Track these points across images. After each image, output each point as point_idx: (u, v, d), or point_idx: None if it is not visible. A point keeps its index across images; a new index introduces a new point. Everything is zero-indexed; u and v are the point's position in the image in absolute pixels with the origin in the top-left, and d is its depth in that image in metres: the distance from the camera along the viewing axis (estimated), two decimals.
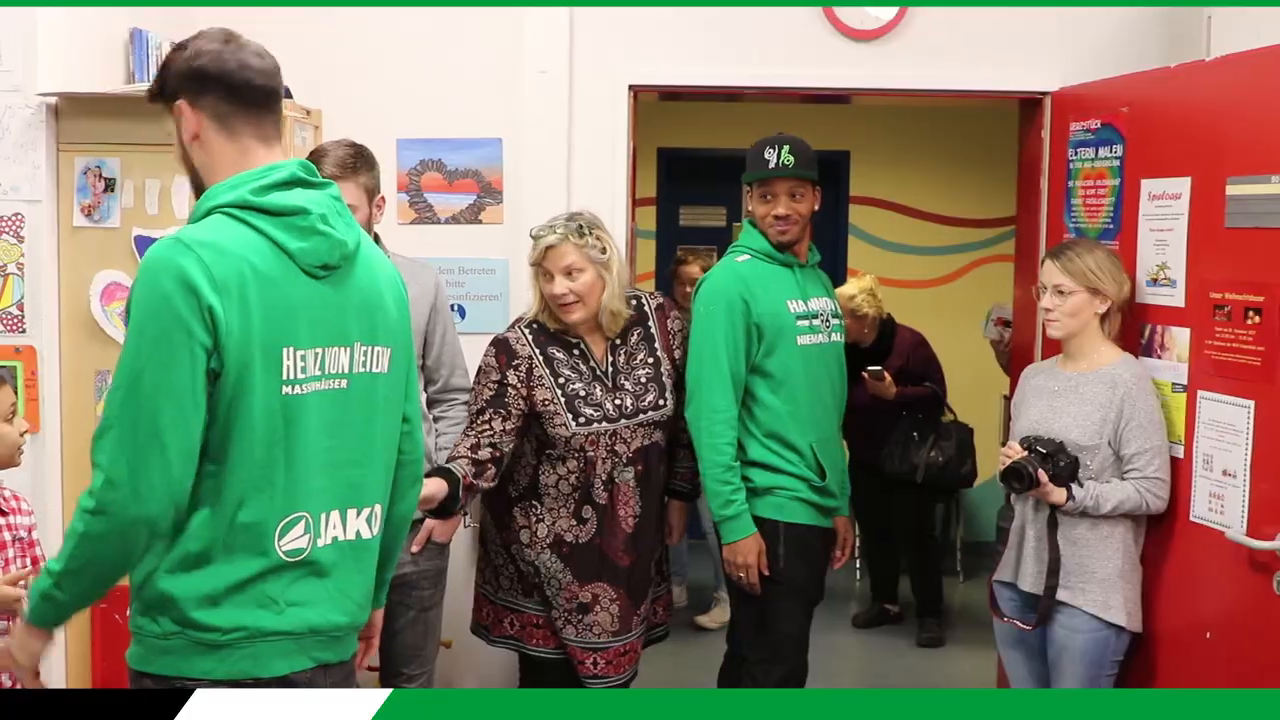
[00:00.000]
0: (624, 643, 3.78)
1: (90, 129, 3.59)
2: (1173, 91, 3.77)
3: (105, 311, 3.59)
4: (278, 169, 2.37)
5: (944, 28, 4.54)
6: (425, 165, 4.57)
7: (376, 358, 2.48)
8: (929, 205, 8.06)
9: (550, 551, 3.72)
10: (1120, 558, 3.56)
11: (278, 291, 2.30)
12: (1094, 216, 4.04)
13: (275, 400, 2.31)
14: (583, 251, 3.65)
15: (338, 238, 2.38)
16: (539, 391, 3.67)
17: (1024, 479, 3.54)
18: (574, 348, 3.74)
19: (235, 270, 2.25)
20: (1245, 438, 3.34)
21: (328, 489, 2.42)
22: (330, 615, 2.45)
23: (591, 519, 3.73)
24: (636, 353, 3.81)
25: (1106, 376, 3.58)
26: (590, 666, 3.75)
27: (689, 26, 4.55)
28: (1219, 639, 3.45)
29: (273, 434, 2.32)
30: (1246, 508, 3.33)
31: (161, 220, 3.58)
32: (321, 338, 2.37)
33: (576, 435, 3.67)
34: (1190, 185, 3.59)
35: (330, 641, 2.47)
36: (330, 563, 2.44)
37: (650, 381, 3.79)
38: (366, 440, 2.48)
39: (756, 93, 4.92)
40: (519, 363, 3.68)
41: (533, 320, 3.76)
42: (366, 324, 2.46)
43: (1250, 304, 3.33)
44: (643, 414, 3.75)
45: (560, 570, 3.73)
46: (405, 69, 4.54)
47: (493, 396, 3.66)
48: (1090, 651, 3.57)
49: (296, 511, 2.38)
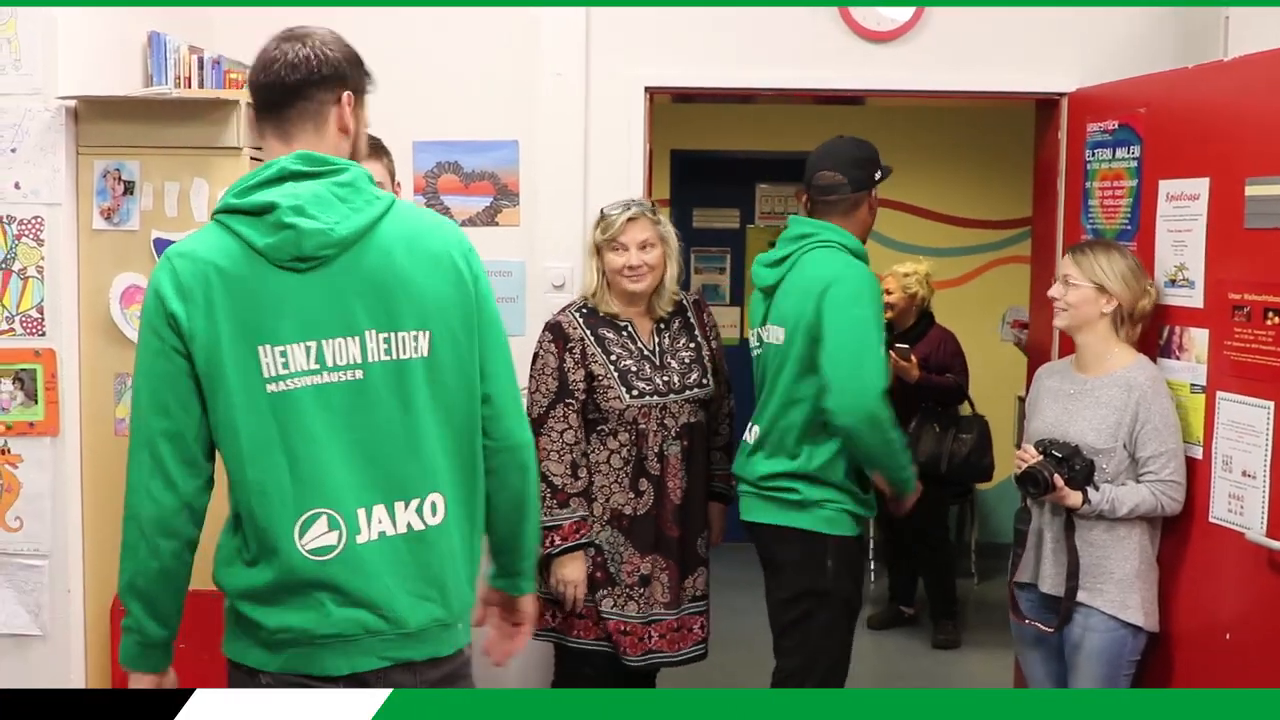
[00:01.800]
0: (675, 617, 3.90)
1: (110, 132, 3.59)
2: (1190, 92, 3.76)
3: (125, 314, 3.60)
4: (269, 167, 2.35)
5: (960, 29, 4.53)
6: (442, 168, 4.58)
7: (403, 344, 2.39)
8: (944, 206, 8.05)
9: (610, 527, 3.85)
10: (1137, 558, 3.56)
11: (246, 290, 2.30)
12: (1111, 217, 4.03)
13: (260, 399, 2.31)
14: (656, 229, 3.90)
15: (311, 228, 2.30)
16: (594, 367, 3.82)
17: (1040, 484, 3.55)
18: (623, 329, 3.90)
19: (200, 274, 2.29)
20: (1265, 439, 3.33)
21: (361, 483, 2.37)
22: (392, 613, 2.39)
23: (648, 490, 3.86)
24: (679, 337, 3.97)
25: (1121, 380, 3.57)
26: (648, 641, 3.85)
27: (704, 28, 4.55)
28: (1238, 640, 3.44)
29: (264, 434, 2.32)
30: (1266, 509, 3.32)
31: (181, 223, 3.58)
32: (313, 331, 2.33)
33: (630, 407, 3.81)
34: (1208, 186, 3.58)
35: (405, 639, 2.42)
36: (380, 559, 2.38)
37: (694, 363, 3.95)
38: (406, 430, 2.40)
39: (771, 94, 4.93)
40: (572, 345, 3.83)
41: (583, 305, 3.92)
42: (381, 310, 2.37)
43: (1270, 304, 3.32)
44: (689, 390, 3.90)
45: (622, 544, 3.85)
46: (421, 72, 4.54)
47: (559, 388, 3.81)
48: (1107, 651, 3.57)
49: (313, 509, 2.34)
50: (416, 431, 2.41)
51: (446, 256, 2.46)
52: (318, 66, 2.40)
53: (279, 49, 2.41)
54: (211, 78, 3.97)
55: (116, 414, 3.62)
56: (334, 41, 2.46)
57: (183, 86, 3.92)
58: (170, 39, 3.92)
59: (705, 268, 8.26)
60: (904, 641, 6.28)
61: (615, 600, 3.85)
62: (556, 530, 3.76)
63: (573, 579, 3.78)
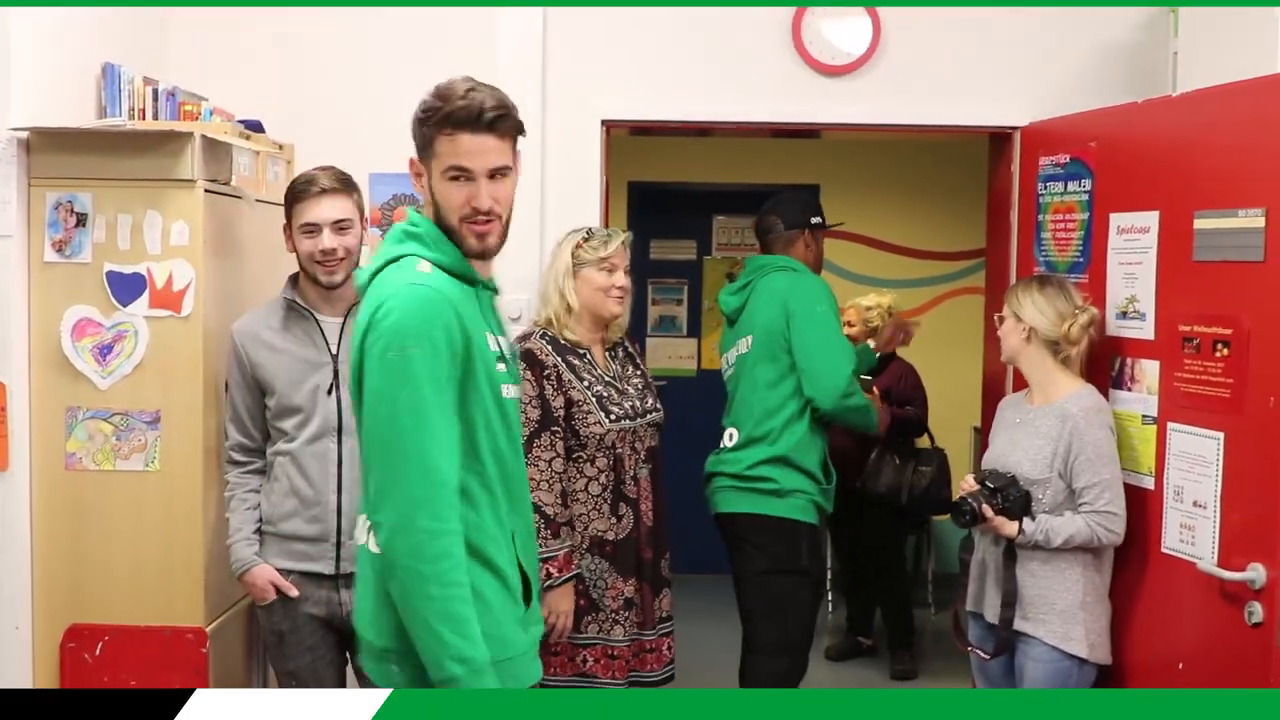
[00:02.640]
0: (653, 637, 3.95)
1: (62, 164, 3.56)
2: (1140, 126, 3.81)
3: (76, 348, 3.57)
4: None
5: (914, 64, 4.58)
6: (399, 200, 4.57)
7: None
8: (899, 238, 8.09)
9: (591, 554, 3.84)
10: (1081, 589, 3.57)
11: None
12: (1064, 250, 4.07)
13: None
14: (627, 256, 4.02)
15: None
16: (572, 393, 3.82)
17: (967, 515, 3.62)
18: (583, 356, 3.91)
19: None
20: (1215, 469, 3.36)
21: None
22: None
23: (626, 514, 3.88)
24: (626, 365, 4.04)
25: (1058, 410, 3.61)
26: (631, 663, 3.89)
27: (661, 62, 4.58)
28: (1190, 670, 3.46)
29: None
30: (1217, 539, 3.35)
31: (134, 255, 3.56)
32: None
33: (610, 432, 3.83)
34: (1158, 219, 3.62)
35: None
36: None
37: (645, 389, 4.03)
38: None
39: (728, 128, 4.95)
40: (548, 371, 3.81)
41: (543, 333, 3.90)
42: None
43: (1219, 336, 3.36)
44: (649, 414, 3.98)
45: (606, 570, 3.85)
46: (377, 103, 4.53)
47: (542, 416, 3.77)
48: (1050, 682, 3.59)
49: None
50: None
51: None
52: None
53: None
54: (166, 109, 3.96)
55: (67, 448, 3.59)
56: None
57: (137, 118, 3.90)
58: (124, 70, 3.91)
59: (663, 299, 8.26)
60: (862, 672, 6.27)
61: (601, 626, 3.84)
62: (552, 561, 3.71)
63: (566, 609, 3.77)
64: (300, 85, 4.53)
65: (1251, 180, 3.26)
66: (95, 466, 3.59)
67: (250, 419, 3.61)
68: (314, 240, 3.51)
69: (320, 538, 3.56)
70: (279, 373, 3.54)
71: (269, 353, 3.55)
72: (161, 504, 3.60)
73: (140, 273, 3.57)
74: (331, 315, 3.60)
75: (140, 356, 3.58)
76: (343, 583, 3.58)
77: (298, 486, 3.55)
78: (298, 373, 3.54)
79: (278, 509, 3.57)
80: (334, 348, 3.57)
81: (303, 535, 3.56)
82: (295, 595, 3.54)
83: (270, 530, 3.59)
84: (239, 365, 3.58)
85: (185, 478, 3.60)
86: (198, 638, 3.57)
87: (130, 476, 3.59)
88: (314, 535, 3.56)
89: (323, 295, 3.59)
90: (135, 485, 3.59)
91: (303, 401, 3.54)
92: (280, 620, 3.56)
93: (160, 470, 3.59)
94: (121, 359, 3.58)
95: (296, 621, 3.56)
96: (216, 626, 3.67)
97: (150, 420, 3.58)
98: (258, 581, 3.55)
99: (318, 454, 3.54)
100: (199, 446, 3.61)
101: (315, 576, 3.57)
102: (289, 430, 3.55)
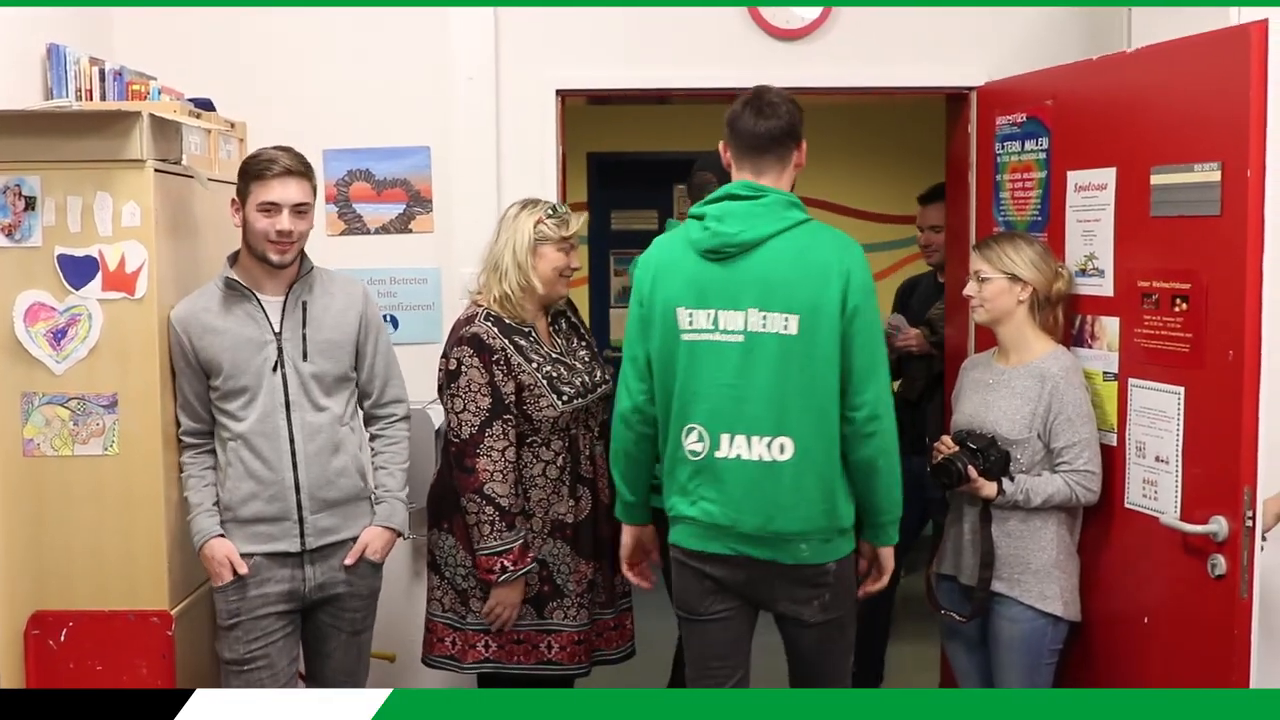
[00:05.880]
0: (614, 615, 3.92)
1: (8, 147, 3.50)
2: (1096, 83, 3.81)
3: (29, 333, 3.51)
4: (722, 189, 3.39)
5: (869, 26, 4.56)
6: (353, 175, 4.54)
7: (772, 321, 3.26)
8: (858, 202, 8.11)
9: (553, 539, 3.77)
10: (1055, 548, 3.59)
11: (676, 269, 3.37)
12: (1022, 209, 4.07)
13: (675, 343, 3.35)
14: None
15: (723, 230, 3.30)
16: (522, 377, 3.70)
17: (953, 475, 3.59)
18: (529, 335, 3.78)
19: (653, 259, 3.46)
20: (1176, 424, 3.38)
21: (727, 416, 3.30)
22: (729, 516, 3.32)
23: (584, 495, 3.82)
24: (570, 338, 3.92)
25: (1036, 370, 3.61)
26: (594, 643, 3.86)
27: (615, 30, 4.54)
28: (1156, 624, 3.49)
29: (671, 366, 3.36)
30: (1180, 493, 3.37)
31: (85, 238, 3.51)
32: (712, 302, 3.30)
33: (564, 414, 3.74)
34: (1115, 176, 3.63)
35: (746, 539, 3.33)
36: (730, 472, 3.31)
37: (592, 361, 3.92)
38: (769, 385, 3.27)
39: (684, 94, 4.93)
40: (496, 356, 3.69)
41: (487, 314, 3.76)
42: (760, 294, 3.26)
43: (1177, 291, 3.37)
44: (600, 388, 3.87)
45: (568, 554, 3.79)
46: (330, 79, 4.51)
47: (492, 404, 3.67)
48: (1027, 641, 3.60)
49: (690, 424, 3.34)
50: (779, 388, 3.28)
51: (827, 266, 3.28)
52: (787, 128, 3.42)
53: (745, 113, 3.41)
54: (113, 90, 3.90)
55: (25, 434, 3.54)
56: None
57: (84, 99, 3.84)
58: (70, 50, 3.84)
59: (624, 270, 8.24)
60: None
61: (565, 612, 3.79)
62: (507, 554, 3.65)
63: (514, 602, 3.72)
64: (251, 62, 4.48)
65: (1207, 134, 3.28)
66: (53, 452, 3.55)
67: (199, 403, 3.60)
68: (271, 220, 3.49)
69: (282, 516, 3.56)
70: (224, 354, 3.53)
71: (212, 335, 3.54)
72: (122, 488, 3.56)
73: (92, 255, 3.52)
74: (274, 294, 3.59)
75: (95, 340, 3.54)
76: (307, 559, 3.57)
77: (253, 469, 3.54)
78: (244, 352, 3.54)
79: (235, 494, 3.56)
80: (276, 326, 3.57)
81: (264, 516, 3.55)
82: (245, 574, 3.54)
83: (231, 517, 3.57)
84: (181, 351, 3.56)
85: (145, 460, 3.56)
86: (163, 621, 3.54)
87: (89, 461, 3.55)
88: (275, 515, 3.55)
89: (268, 273, 3.57)
90: (95, 470, 3.55)
91: (249, 381, 3.53)
92: (236, 603, 3.55)
93: (119, 454, 3.55)
94: (76, 343, 3.53)
95: (252, 604, 3.55)
96: (182, 609, 3.64)
97: (107, 404, 3.54)
98: (216, 554, 3.54)
99: (268, 433, 3.54)
100: (158, 429, 3.57)
101: (280, 556, 3.57)
102: (235, 411, 3.55)
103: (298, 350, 3.58)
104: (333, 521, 3.63)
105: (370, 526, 3.70)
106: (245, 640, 3.55)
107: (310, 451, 3.57)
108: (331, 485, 3.61)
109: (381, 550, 3.72)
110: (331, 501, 3.62)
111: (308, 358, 3.59)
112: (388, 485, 3.75)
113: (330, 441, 3.61)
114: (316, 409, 3.60)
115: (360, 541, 3.68)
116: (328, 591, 3.65)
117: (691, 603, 3.46)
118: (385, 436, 3.80)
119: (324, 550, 3.62)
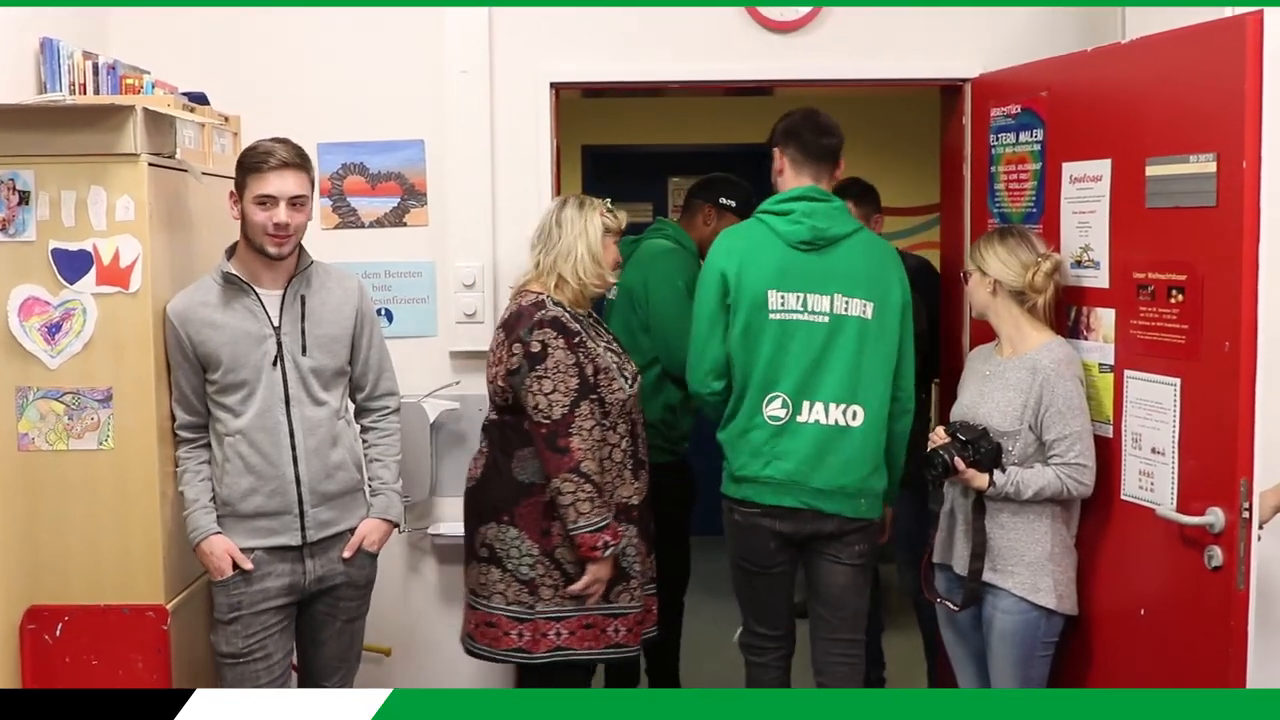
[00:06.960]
0: (653, 595, 3.98)
1: (2, 141, 3.49)
2: (1090, 75, 3.81)
3: (24, 327, 3.51)
4: (795, 190, 3.92)
5: (863, 18, 4.55)
6: (348, 169, 4.53)
7: (854, 306, 3.82)
8: None
9: (621, 521, 3.78)
10: (1049, 541, 3.59)
11: (764, 257, 3.84)
12: (1017, 201, 4.07)
13: (763, 321, 3.80)
14: None
15: (818, 225, 3.84)
16: (599, 359, 3.75)
17: (939, 467, 3.62)
18: (586, 323, 3.85)
19: (736, 248, 3.90)
20: (1172, 415, 3.38)
21: (811, 385, 3.80)
22: (803, 473, 3.79)
23: (642, 478, 3.87)
24: (601, 329, 3.97)
25: (1028, 362, 3.61)
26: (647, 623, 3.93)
27: (609, 23, 4.53)
28: (1153, 616, 3.49)
29: (756, 342, 3.81)
30: (1176, 484, 3.37)
31: (79, 232, 3.50)
32: (801, 286, 3.81)
33: (631, 396, 3.82)
34: (1110, 167, 3.62)
35: (818, 494, 3.80)
36: (808, 435, 3.80)
37: (623, 351, 3.98)
38: (849, 360, 3.80)
39: (679, 87, 4.92)
40: (578, 339, 3.73)
41: (554, 300, 3.78)
42: (845, 283, 3.80)
43: (1173, 283, 3.37)
44: (639, 377, 3.97)
45: (635, 536, 3.83)
46: (324, 73, 4.50)
47: (580, 384, 3.69)
48: (1019, 633, 3.61)
49: (775, 392, 3.81)
50: (855, 364, 3.81)
51: (888, 266, 3.92)
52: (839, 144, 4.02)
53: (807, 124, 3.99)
54: (107, 83, 3.89)
55: (19, 429, 3.53)
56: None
57: (78, 93, 3.83)
58: (63, 45, 3.83)
59: None
60: None
61: (631, 594, 3.83)
62: (606, 529, 3.68)
63: (607, 578, 3.76)
64: (245, 56, 4.48)
65: (1202, 125, 3.27)
66: (48, 447, 3.54)
67: (196, 397, 3.60)
68: (269, 213, 3.48)
69: (283, 510, 3.56)
70: (223, 348, 3.53)
71: (211, 330, 3.53)
72: (117, 482, 3.55)
73: (86, 249, 3.51)
74: (272, 288, 3.59)
75: (89, 334, 3.53)
76: (307, 552, 3.57)
77: (253, 464, 3.54)
78: (243, 346, 3.53)
79: (235, 489, 3.56)
80: (275, 320, 3.56)
81: (265, 511, 3.56)
82: (250, 569, 3.54)
83: (230, 512, 3.57)
84: (179, 346, 3.55)
85: (140, 455, 3.55)
86: (159, 615, 3.54)
87: (84, 455, 3.54)
88: (276, 509, 3.55)
89: (266, 265, 3.56)
90: (90, 464, 3.54)
91: (248, 375, 3.53)
92: (238, 597, 3.55)
93: (114, 448, 3.54)
94: (70, 337, 3.53)
95: (253, 599, 3.55)
96: (177, 603, 3.63)
97: (102, 398, 3.53)
98: (215, 550, 3.53)
99: (268, 428, 3.54)
100: (153, 423, 3.56)
101: (280, 550, 3.57)
102: (234, 406, 3.54)
103: (297, 345, 3.58)
104: (332, 514, 3.64)
105: (368, 519, 3.71)
106: (244, 634, 3.55)
107: (310, 446, 3.57)
108: (331, 479, 3.62)
109: (379, 542, 3.74)
110: (331, 494, 3.63)
111: (307, 352, 3.59)
112: (383, 478, 3.77)
113: (329, 435, 3.61)
114: (315, 403, 3.60)
115: (358, 533, 3.68)
116: (326, 584, 3.65)
117: (759, 557, 3.92)
118: (379, 429, 3.81)
119: (323, 543, 3.63)
